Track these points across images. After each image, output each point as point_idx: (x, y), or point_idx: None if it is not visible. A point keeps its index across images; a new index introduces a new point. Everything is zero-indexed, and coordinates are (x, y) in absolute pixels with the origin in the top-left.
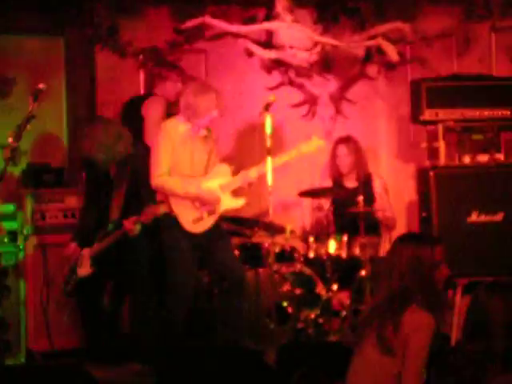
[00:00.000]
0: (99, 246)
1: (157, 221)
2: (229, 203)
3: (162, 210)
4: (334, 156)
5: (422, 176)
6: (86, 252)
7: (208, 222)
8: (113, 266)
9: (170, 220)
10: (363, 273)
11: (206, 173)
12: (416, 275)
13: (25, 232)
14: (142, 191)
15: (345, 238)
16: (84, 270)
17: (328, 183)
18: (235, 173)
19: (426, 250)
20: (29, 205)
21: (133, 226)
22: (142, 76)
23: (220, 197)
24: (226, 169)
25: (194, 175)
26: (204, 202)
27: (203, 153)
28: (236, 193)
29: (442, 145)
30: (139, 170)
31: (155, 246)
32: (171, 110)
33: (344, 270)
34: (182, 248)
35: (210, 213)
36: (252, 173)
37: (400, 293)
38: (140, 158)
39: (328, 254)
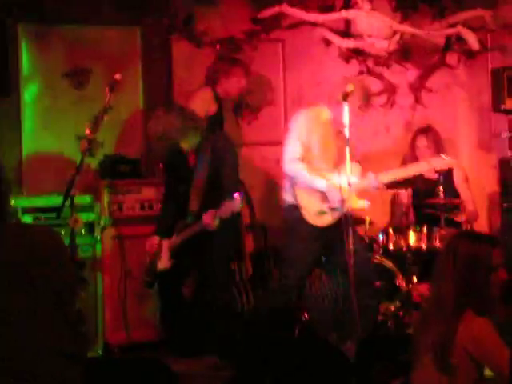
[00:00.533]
0: (178, 238)
1: (236, 214)
2: (354, 204)
3: (240, 205)
4: (413, 147)
5: (503, 166)
6: (166, 244)
7: (331, 218)
8: (193, 257)
9: (294, 210)
10: None
11: (335, 167)
12: (472, 276)
13: (102, 223)
14: (223, 182)
15: (424, 230)
16: (163, 262)
17: None
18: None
19: (485, 249)
20: (106, 196)
21: (211, 220)
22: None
23: (344, 197)
24: (357, 168)
25: (323, 167)
26: (328, 198)
27: (334, 147)
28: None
29: None
30: (221, 161)
31: (234, 235)
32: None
33: (424, 262)
34: (300, 238)
35: (333, 209)
36: (382, 178)
37: (453, 297)
38: (223, 149)
39: (408, 246)
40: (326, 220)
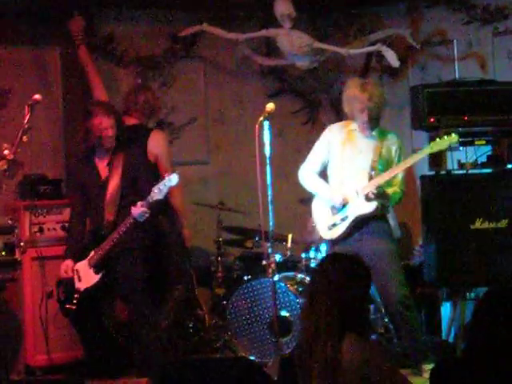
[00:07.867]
0: (98, 253)
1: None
2: (361, 208)
3: (176, 183)
4: None
5: (424, 183)
6: (82, 265)
7: (341, 229)
8: (111, 282)
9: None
10: None
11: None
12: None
13: (22, 245)
14: (139, 189)
15: None
16: (87, 280)
17: None
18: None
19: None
20: (26, 217)
21: (140, 210)
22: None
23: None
24: (364, 173)
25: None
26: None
27: (367, 153)
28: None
29: None
30: (135, 172)
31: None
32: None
33: None
34: None
35: (343, 219)
36: (383, 177)
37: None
38: (136, 162)
39: None
40: (337, 232)
